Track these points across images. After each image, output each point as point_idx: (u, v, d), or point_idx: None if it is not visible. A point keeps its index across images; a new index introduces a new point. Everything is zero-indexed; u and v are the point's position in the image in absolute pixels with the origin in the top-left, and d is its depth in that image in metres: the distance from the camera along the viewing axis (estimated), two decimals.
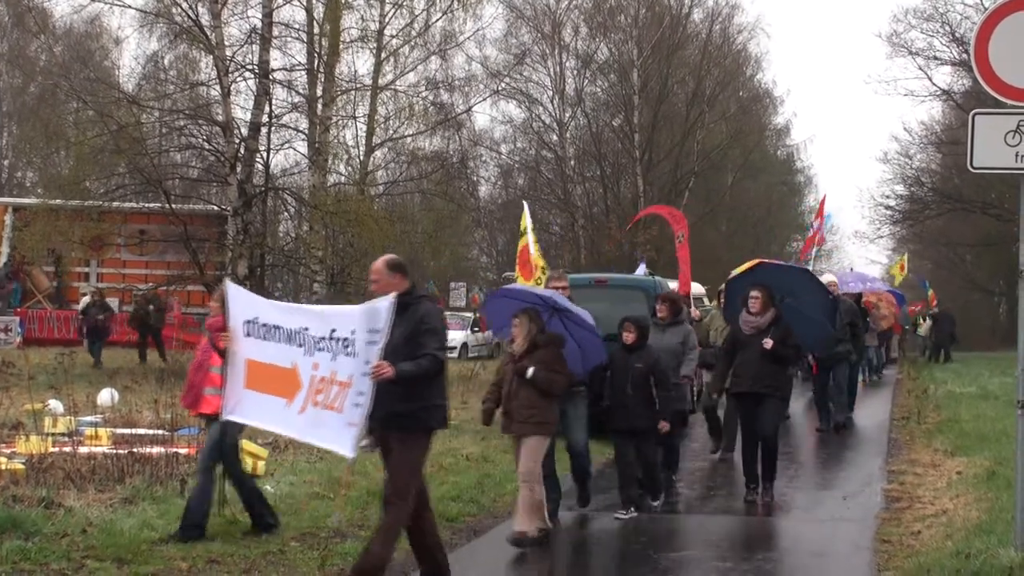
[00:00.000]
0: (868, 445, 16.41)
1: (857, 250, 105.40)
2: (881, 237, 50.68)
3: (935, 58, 43.72)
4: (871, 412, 20.40)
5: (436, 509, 9.49)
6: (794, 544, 10.00)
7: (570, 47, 43.92)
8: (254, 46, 25.86)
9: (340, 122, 29.29)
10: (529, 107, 43.60)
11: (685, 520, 10.91)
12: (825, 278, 17.21)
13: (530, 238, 15.91)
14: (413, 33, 31.29)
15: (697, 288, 21.36)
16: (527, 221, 16.18)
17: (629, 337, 10.71)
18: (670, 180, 42.89)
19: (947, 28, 42.95)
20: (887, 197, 48.49)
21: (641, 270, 22.70)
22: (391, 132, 31.48)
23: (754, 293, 11.57)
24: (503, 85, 39.80)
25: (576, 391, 10.40)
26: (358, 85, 29.54)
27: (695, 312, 15.86)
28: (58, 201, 25.57)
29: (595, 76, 44.34)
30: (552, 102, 43.84)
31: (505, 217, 46.74)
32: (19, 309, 29.92)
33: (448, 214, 32.37)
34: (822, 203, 27.18)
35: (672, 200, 41.82)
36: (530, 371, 9.40)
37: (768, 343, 11.26)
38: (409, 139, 32.38)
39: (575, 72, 44.07)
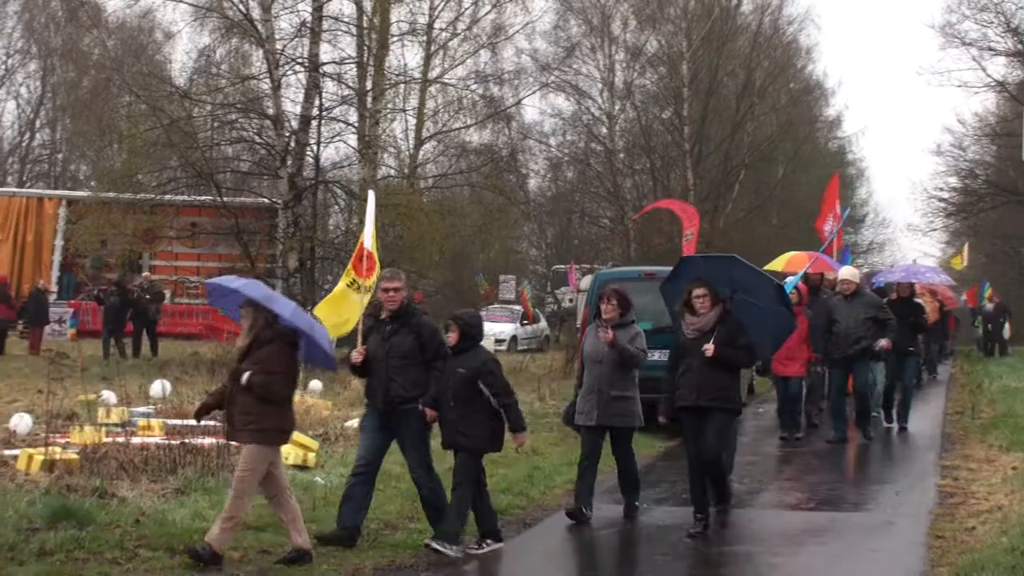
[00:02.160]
0: (921, 440, 16.24)
1: (910, 243, 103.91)
2: (934, 230, 50.13)
3: (989, 49, 43.15)
4: (924, 407, 20.18)
5: None
6: (846, 539, 9.91)
7: (619, 39, 43.71)
8: (304, 40, 26.00)
9: (389, 115, 29.35)
10: (578, 100, 43.42)
11: (735, 514, 10.82)
12: (844, 271, 16.20)
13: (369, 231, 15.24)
14: (462, 26, 31.32)
15: None
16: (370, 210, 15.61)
17: (451, 338, 9.01)
18: (720, 173, 42.54)
19: (1002, 18, 42.39)
20: (940, 190, 47.99)
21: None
22: (440, 125, 31.52)
23: (699, 291, 9.88)
24: (552, 78, 39.69)
25: (406, 407, 9.01)
26: (407, 78, 29.61)
27: None
28: (111, 194, 25.86)
29: (644, 69, 44.11)
30: (601, 95, 43.67)
31: (555, 210, 46.68)
32: (72, 301, 30.16)
33: (497, 207, 32.40)
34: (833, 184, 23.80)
35: (722, 193, 41.55)
36: (244, 377, 8.19)
37: (709, 350, 9.67)
38: (458, 132, 32.39)
39: (624, 65, 43.86)
